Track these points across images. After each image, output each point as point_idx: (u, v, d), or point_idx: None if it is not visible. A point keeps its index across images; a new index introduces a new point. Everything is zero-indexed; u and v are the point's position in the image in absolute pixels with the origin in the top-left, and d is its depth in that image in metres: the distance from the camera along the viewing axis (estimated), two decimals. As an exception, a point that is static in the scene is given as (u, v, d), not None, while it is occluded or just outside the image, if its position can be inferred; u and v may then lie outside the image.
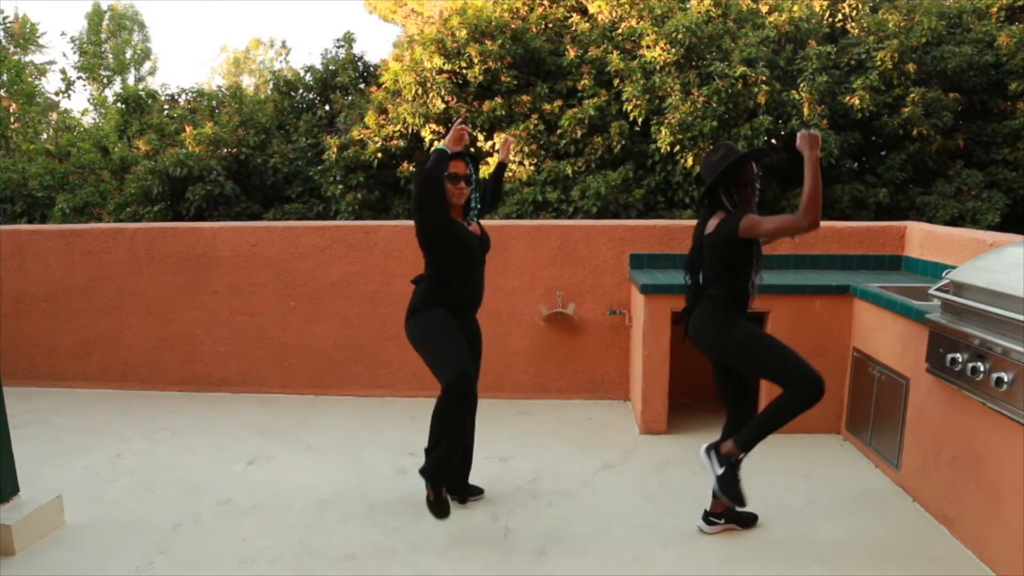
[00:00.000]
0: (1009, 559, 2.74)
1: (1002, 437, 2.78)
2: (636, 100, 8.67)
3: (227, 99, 12.19)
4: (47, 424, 4.64)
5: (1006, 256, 2.94)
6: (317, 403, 5.08)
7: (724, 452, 2.99)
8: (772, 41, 9.92)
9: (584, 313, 4.98)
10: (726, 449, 2.98)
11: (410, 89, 9.20)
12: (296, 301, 5.14)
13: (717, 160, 2.89)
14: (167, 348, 5.29)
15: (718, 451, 3.01)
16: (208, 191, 9.26)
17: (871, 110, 9.04)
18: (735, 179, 2.88)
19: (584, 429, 4.53)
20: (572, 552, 3.06)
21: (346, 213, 9.24)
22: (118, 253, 5.23)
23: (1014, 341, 2.61)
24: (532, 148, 8.83)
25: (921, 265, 4.55)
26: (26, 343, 5.38)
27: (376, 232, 5.03)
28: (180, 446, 4.27)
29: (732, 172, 2.88)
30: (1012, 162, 9.30)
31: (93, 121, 18.05)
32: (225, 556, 3.03)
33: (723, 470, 2.94)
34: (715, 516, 3.19)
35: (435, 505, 3.07)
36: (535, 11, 10.29)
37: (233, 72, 28.95)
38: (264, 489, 3.68)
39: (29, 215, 10.81)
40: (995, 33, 9.68)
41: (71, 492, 3.48)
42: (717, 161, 2.89)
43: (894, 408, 3.66)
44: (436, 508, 3.08)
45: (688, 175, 8.60)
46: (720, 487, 2.99)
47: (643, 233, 4.93)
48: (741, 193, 2.88)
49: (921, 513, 3.37)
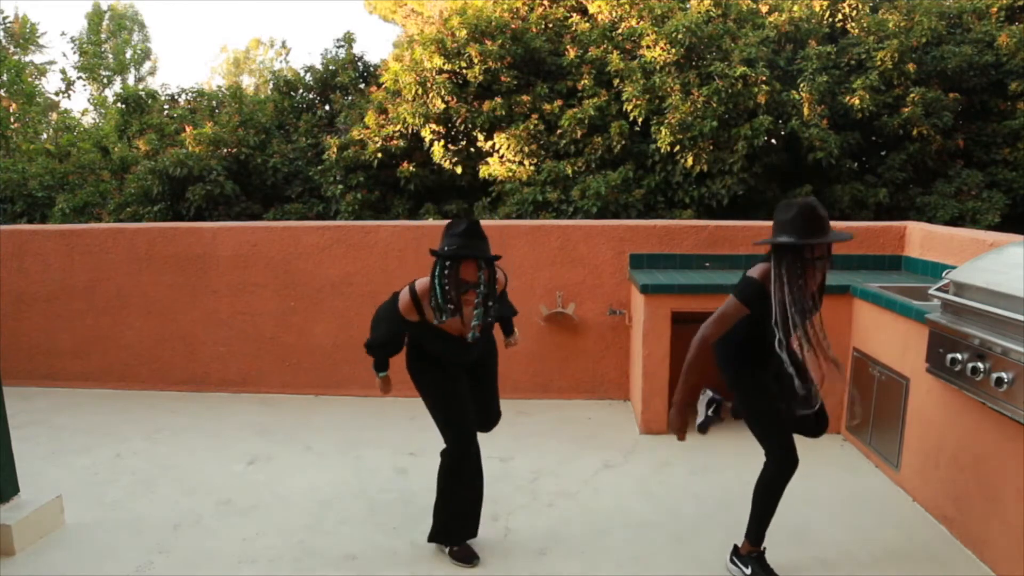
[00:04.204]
0: (1009, 559, 2.74)
1: (1002, 437, 2.79)
2: (636, 100, 8.66)
3: (227, 99, 12.19)
4: (47, 424, 4.64)
5: (1006, 256, 2.94)
6: (317, 403, 5.07)
7: (744, 553, 2.87)
8: (772, 41, 9.92)
9: (584, 313, 4.98)
10: (745, 549, 2.87)
11: (410, 89, 9.19)
12: (296, 301, 5.13)
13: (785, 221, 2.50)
14: (167, 348, 5.29)
15: (738, 554, 2.90)
16: (208, 191, 9.26)
17: (871, 110, 9.03)
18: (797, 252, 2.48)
19: (584, 429, 4.53)
20: (572, 552, 3.06)
21: (346, 213, 9.23)
22: (118, 253, 5.22)
23: (1014, 341, 2.61)
24: (532, 148, 8.82)
25: (921, 265, 4.55)
26: (26, 343, 5.38)
27: (376, 232, 5.03)
28: (180, 446, 4.27)
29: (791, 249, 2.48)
30: (1012, 162, 9.30)
31: (93, 121, 18.05)
32: (225, 556, 3.03)
33: (751, 569, 2.83)
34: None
35: (459, 556, 2.98)
36: (535, 11, 10.28)
37: (233, 72, 28.95)
38: (264, 489, 3.68)
39: (29, 215, 10.80)
40: (995, 33, 9.67)
41: (71, 492, 3.48)
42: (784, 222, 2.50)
43: (894, 408, 3.66)
44: (461, 559, 2.97)
45: (688, 175, 8.60)
46: None
47: (643, 233, 4.93)
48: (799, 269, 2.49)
49: (921, 513, 3.37)
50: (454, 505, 2.99)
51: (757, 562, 2.83)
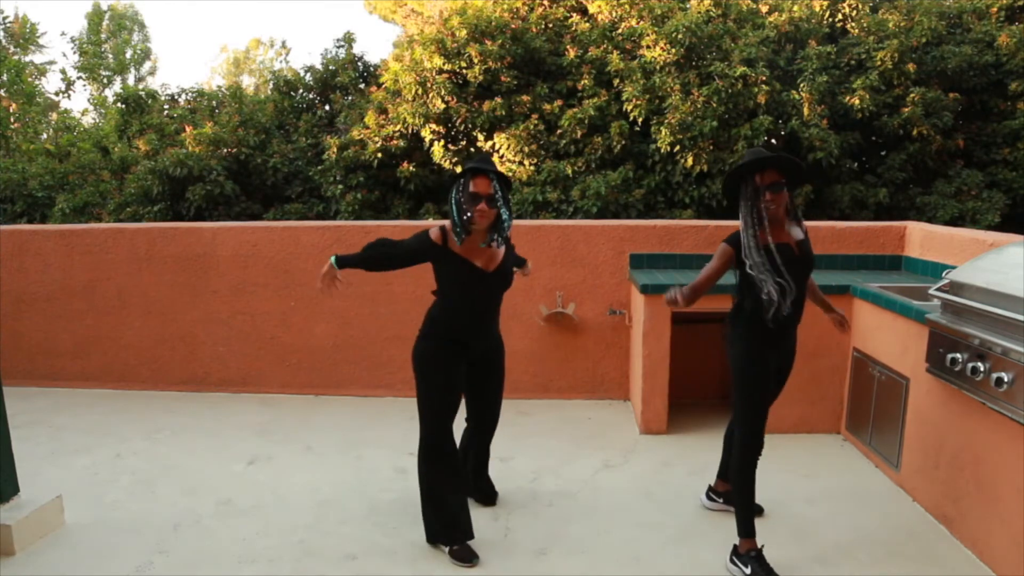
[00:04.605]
0: (1009, 559, 2.74)
1: (1002, 437, 2.79)
2: (636, 100, 8.66)
3: (227, 99, 12.19)
4: (47, 424, 4.64)
5: (1006, 256, 2.94)
6: (317, 403, 5.07)
7: (743, 551, 2.88)
8: (772, 41, 9.91)
9: (584, 313, 4.98)
10: (743, 547, 2.88)
11: (410, 89, 9.19)
12: (296, 301, 5.14)
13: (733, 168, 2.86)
14: (167, 348, 5.29)
15: (737, 554, 2.90)
16: (208, 191, 9.26)
17: (871, 110, 9.03)
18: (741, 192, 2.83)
19: (584, 429, 4.53)
20: (572, 552, 3.06)
21: (346, 213, 9.23)
22: (118, 253, 5.23)
23: (1014, 341, 2.61)
24: (532, 148, 8.82)
25: (921, 265, 4.55)
26: (26, 343, 5.38)
27: (376, 232, 5.03)
28: (180, 446, 4.27)
29: (732, 185, 2.86)
30: (1012, 162, 9.29)
31: (93, 121, 18.06)
32: (225, 556, 3.03)
33: (751, 568, 2.82)
34: (716, 494, 3.35)
35: (458, 555, 2.98)
36: (535, 11, 10.28)
37: (233, 72, 28.95)
38: (264, 489, 3.68)
39: (29, 215, 10.80)
40: (995, 33, 9.67)
41: (71, 492, 3.48)
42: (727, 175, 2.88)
43: (894, 408, 3.66)
44: (460, 559, 2.97)
45: (688, 175, 8.60)
46: None
47: (643, 233, 4.93)
48: (754, 207, 2.77)
49: (921, 513, 3.37)
50: (436, 500, 3.01)
51: (756, 561, 2.83)
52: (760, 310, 2.77)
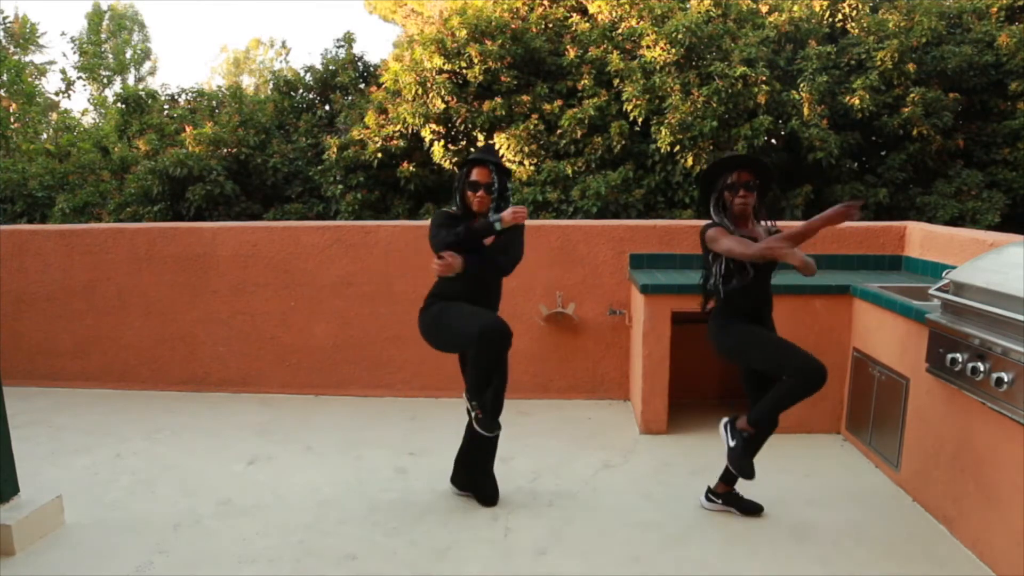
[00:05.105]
0: (1009, 559, 2.74)
1: (1002, 437, 2.78)
2: (636, 100, 8.67)
3: (227, 99, 12.19)
4: (47, 424, 4.64)
5: (1006, 256, 2.94)
6: (317, 403, 5.07)
7: (739, 427, 3.17)
8: (772, 41, 9.92)
9: (584, 313, 4.98)
10: (741, 425, 3.16)
11: (410, 89, 9.20)
12: (296, 301, 5.13)
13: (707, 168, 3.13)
14: (167, 348, 5.29)
15: (734, 425, 3.19)
16: (208, 191, 9.26)
17: (871, 110, 9.04)
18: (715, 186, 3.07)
19: (584, 429, 4.53)
20: (572, 552, 3.06)
21: (346, 213, 9.24)
22: (118, 253, 5.22)
23: (1014, 341, 2.61)
24: (532, 148, 8.82)
25: (921, 265, 4.55)
26: (26, 343, 5.38)
27: (376, 232, 5.03)
28: (180, 446, 4.27)
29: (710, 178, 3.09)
30: (1012, 162, 9.30)
31: (93, 121, 18.06)
32: (225, 556, 3.03)
33: (735, 443, 3.14)
34: (715, 495, 3.40)
35: (483, 424, 3.09)
36: (535, 11, 10.29)
37: (233, 72, 28.94)
38: (264, 489, 3.67)
39: (29, 215, 10.80)
40: (995, 33, 9.67)
41: (71, 492, 3.48)
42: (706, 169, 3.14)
43: (894, 408, 3.66)
44: (486, 425, 3.09)
45: (688, 175, 8.60)
46: (731, 457, 3.17)
47: (643, 233, 4.93)
48: (720, 200, 3.05)
49: (921, 513, 3.37)
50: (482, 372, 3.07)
51: (745, 441, 3.11)
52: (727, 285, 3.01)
